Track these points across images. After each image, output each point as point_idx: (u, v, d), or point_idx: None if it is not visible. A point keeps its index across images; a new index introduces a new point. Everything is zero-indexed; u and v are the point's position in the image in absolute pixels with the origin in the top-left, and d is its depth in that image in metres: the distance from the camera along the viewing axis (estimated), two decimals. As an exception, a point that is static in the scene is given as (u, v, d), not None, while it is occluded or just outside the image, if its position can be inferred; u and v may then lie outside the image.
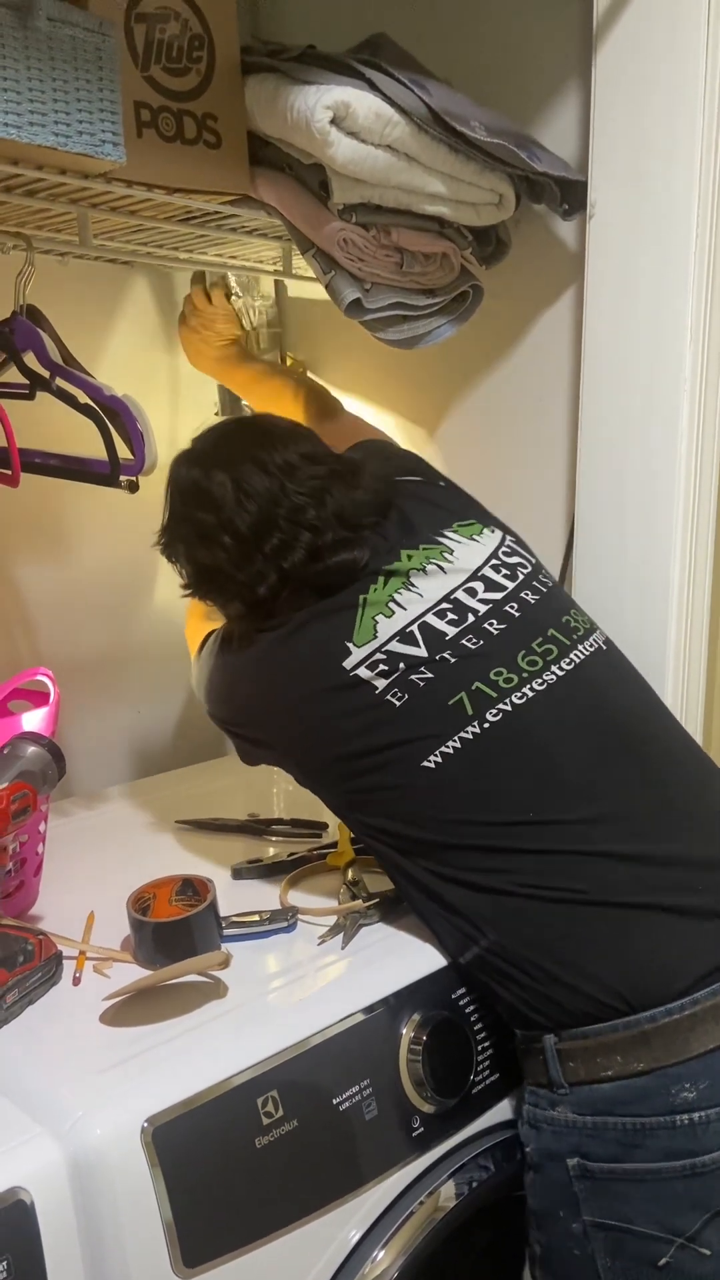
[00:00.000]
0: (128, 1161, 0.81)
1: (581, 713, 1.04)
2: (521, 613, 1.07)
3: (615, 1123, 0.95)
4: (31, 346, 1.20)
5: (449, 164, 1.15)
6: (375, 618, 1.04)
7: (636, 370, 1.23)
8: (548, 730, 1.02)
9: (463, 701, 1.01)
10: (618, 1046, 0.94)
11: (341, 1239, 0.93)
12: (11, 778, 1.00)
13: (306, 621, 1.06)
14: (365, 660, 1.03)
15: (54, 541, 1.55)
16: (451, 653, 1.03)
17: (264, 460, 1.07)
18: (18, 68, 0.91)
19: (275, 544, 1.05)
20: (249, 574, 1.06)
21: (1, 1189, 0.75)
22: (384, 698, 1.02)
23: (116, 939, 1.07)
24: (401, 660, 1.02)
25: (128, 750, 1.69)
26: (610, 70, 1.19)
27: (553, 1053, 0.97)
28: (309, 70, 1.08)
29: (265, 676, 1.08)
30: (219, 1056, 0.89)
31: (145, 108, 1.07)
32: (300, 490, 1.06)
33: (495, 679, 1.02)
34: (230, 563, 1.07)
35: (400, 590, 1.06)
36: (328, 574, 1.06)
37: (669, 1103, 0.93)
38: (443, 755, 1.00)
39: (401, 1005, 1.00)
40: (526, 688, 1.02)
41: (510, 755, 1.01)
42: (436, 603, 1.05)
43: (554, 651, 1.05)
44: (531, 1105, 1.01)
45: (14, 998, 0.95)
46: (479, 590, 1.07)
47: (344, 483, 1.09)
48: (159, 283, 1.61)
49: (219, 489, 1.06)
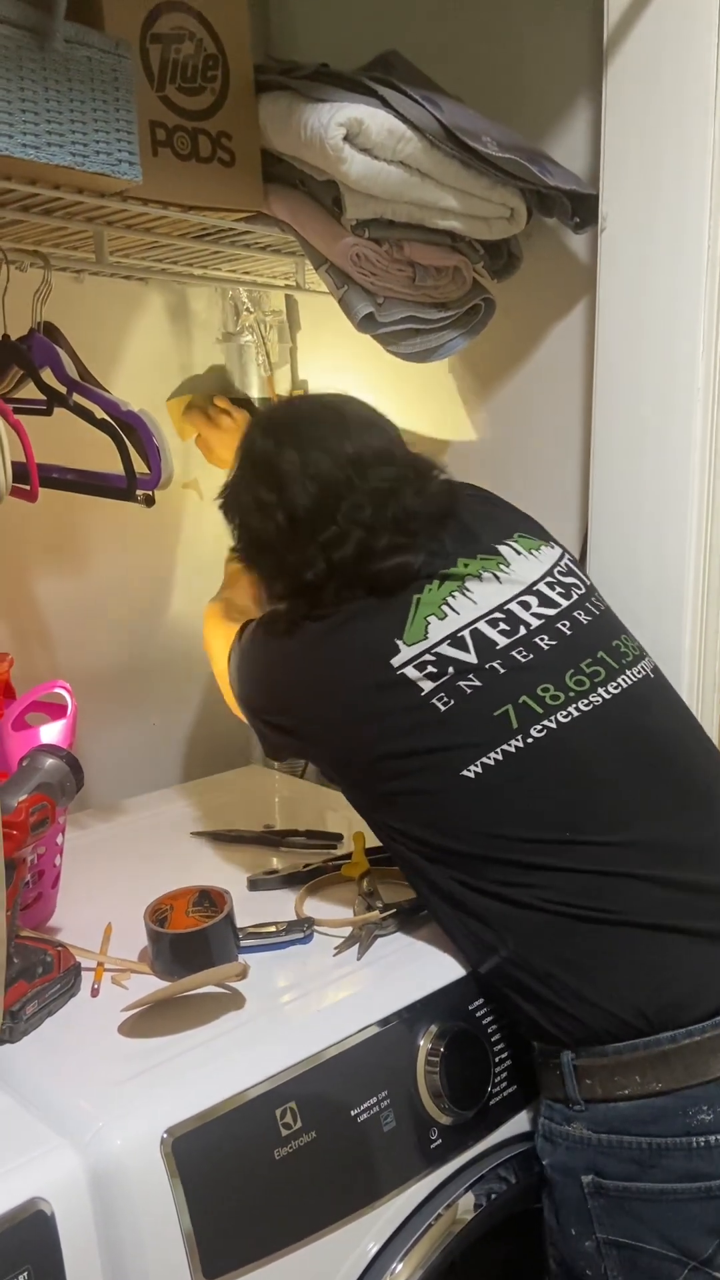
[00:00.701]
0: (147, 1172, 0.81)
1: (625, 737, 1.03)
2: (573, 632, 1.06)
3: (631, 1142, 0.94)
4: (49, 363, 1.21)
5: (461, 179, 1.16)
6: (427, 618, 1.03)
7: (649, 382, 1.23)
8: (590, 752, 1.01)
9: (508, 714, 1.00)
10: (636, 1066, 0.94)
11: (360, 1251, 0.93)
12: (30, 790, 1.01)
13: (356, 615, 1.04)
14: (414, 660, 1.01)
15: (71, 555, 1.56)
16: (501, 663, 1.02)
17: (336, 450, 1.07)
18: (36, 89, 0.93)
19: (329, 536, 1.05)
20: (298, 557, 1.06)
21: (22, 1199, 0.76)
22: (429, 700, 1.00)
23: (134, 950, 1.07)
24: (451, 664, 1.01)
25: (144, 762, 1.69)
26: (621, 84, 1.20)
27: (570, 1069, 0.97)
28: (322, 88, 1.10)
29: (309, 665, 1.07)
30: (237, 1068, 0.89)
31: (161, 127, 1.08)
32: (365, 488, 1.06)
33: (542, 695, 1.01)
34: (281, 541, 1.07)
35: (454, 594, 1.05)
36: (379, 575, 1.05)
37: (686, 1124, 0.92)
38: (483, 766, 0.99)
39: (419, 1016, 1.00)
40: (572, 707, 1.01)
41: (551, 773, 1.00)
42: (489, 611, 1.04)
43: (602, 674, 1.04)
44: (547, 1119, 1.00)
45: (33, 1009, 0.96)
46: (533, 604, 1.06)
47: (411, 487, 1.09)
48: (174, 299, 1.62)
49: (286, 466, 1.07)
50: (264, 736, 1.17)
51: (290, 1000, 1.01)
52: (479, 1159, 1.02)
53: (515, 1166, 1.03)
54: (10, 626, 1.51)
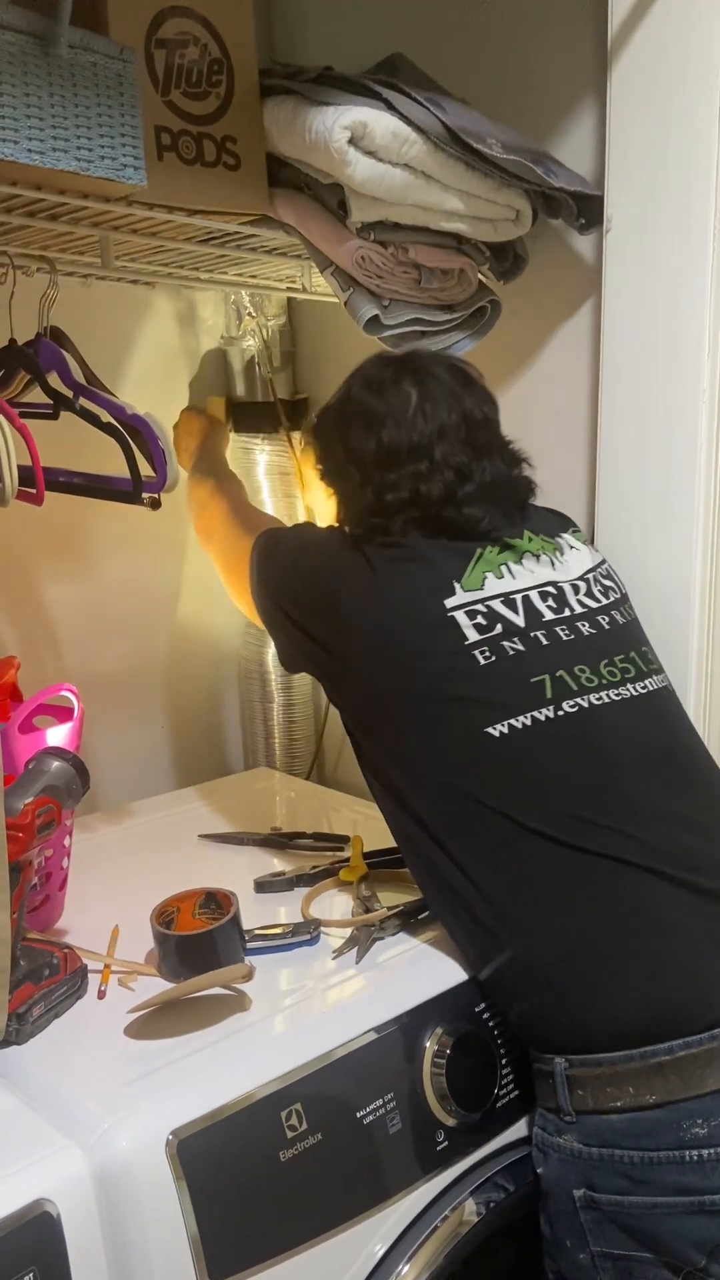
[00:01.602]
0: (153, 1174, 0.81)
1: (650, 736, 1.05)
2: (610, 628, 1.10)
3: (623, 1155, 0.93)
4: (55, 367, 1.22)
5: (466, 181, 1.16)
6: (486, 573, 1.06)
7: (655, 383, 1.23)
8: (618, 739, 1.03)
9: (545, 683, 1.02)
10: (630, 1077, 0.92)
11: (366, 1253, 0.93)
12: (36, 792, 1.01)
13: (421, 550, 1.07)
14: (466, 605, 1.03)
15: (77, 559, 1.56)
16: (545, 634, 1.04)
17: (453, 401, 1.10)
18: (41, 95, 0.93)
19: (421, 468, 1.07)
20: (386, 478, 1.08)
21: (28, 1200, 0.76)
22: (471, 650, 1.01)
23: (141, 952, 1.08)
24: (500, 622, 1.03)
25: (151, 765, 1.70)
26: (626, 85, 1.20)
27: (562, 1078, 0.95)
28: (327, 91, 1.10)
29: (365, 583, 1.06)
30: (243, 1069, 0.89)
31: (166, 131, 1.09)
32: (467, 441, 1.09)
33: (578, 674, 1.04)
34: (374, 461, 1.09)
35: (513, 562, 1.08)
36: (453, 520, 1.08)
37: (679, 1138, 0.91)
38: (510, 728, 0.99)
39: (425, 1018, 1.00)
40: (605, 693, 1.04)
41: (578, 749, 1.01)
42: (542, 584, 1.08)
43: (632, 672, 1.08)
44: (540, 1129, 0.99)
45: (40, 1011, 0.96)
46: (580, 591, 1.11)
47: (504, 459, 1.13)
48: (180, 304, 1.63)
49: (402, 397, 1.09)
50: (287, 638, 1.14)
51: (296, 1002, 1.01)
52: (485, 1161, 1.02)
53: (522, 1169, 1.03)
54: (17, 630, 1.51)
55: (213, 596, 1.75)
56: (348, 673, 1.08)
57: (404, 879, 1.20)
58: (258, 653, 1.73)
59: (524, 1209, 1.02)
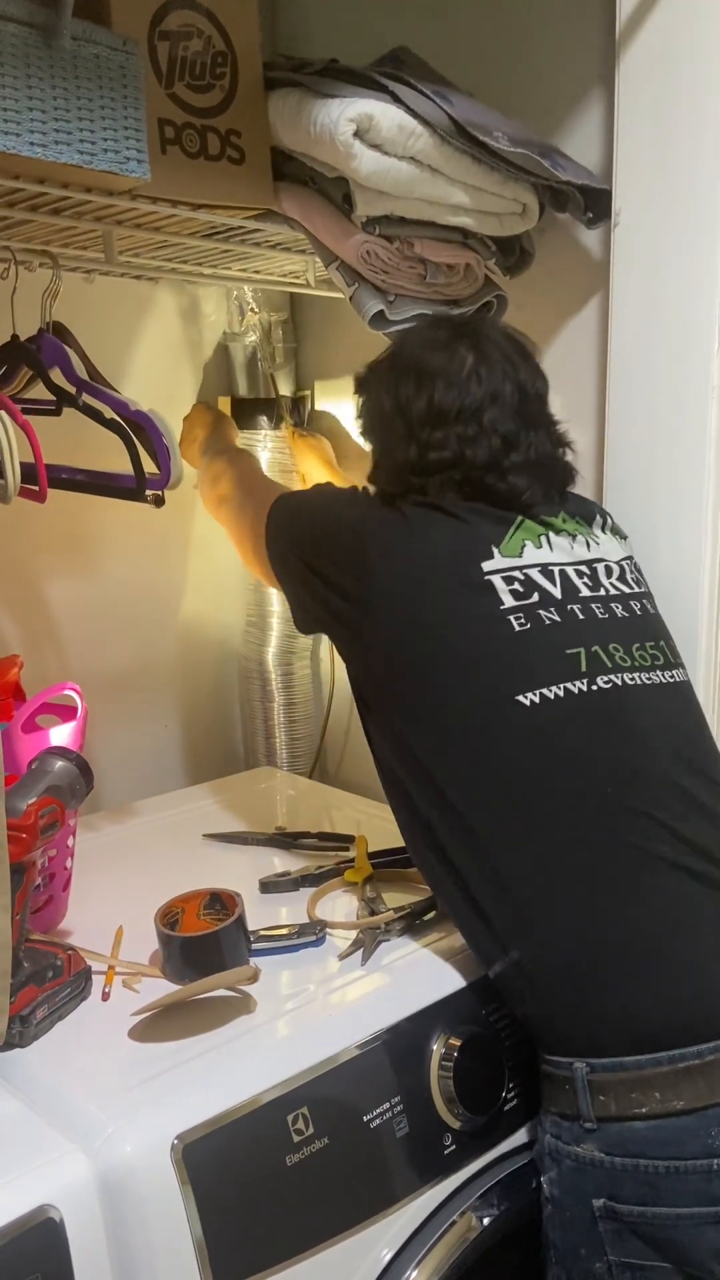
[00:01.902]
0: (158, 1179, 0.80)
1: (681, 725, 1.04)
2: (641, 614, 1.09)
3: (647, 1165, 0.89)
4: (58, 363, 1.21)
5: (472, 175, 1.15)
6: (525, 541, 1.05)
7: (663, 379, 1.22)
8: (651, 723, 1.01)
9: (580, 656, 1.00)
10: (657, 1082, 0.89)
11: (374, 1258, 0.92)
12: (40, 792, 1.00)
13: (460, 512, 1.04)
14: (504, 571, 1.02)
15: (80, 557, 1.55)
16: (580, 609, 1.03)
17: (509, 368, 1.09)
18: (43, 87, 0.92)
19: (469, 432, 1.05)
20: (433, 436, 1.06)
21: (31, 1207, 0.75)
22: (506, 616, 0.99)
23: (145, 954, 1.07)
24: (536, 590, 1.02)
25: (155, 764, 1.69)
26: (634, 77, 1.19)
27: (584, 1083, 0.91)
28: (332, 84, 1.09)
29: (401, 537, 1.04)
30: (248, 1073, 0.89)
31: (169, 124, 1.08)
32: (519, 413, 1.08)
33: (613, 652, 1.02)
34: (423, 416, 1.06)
35: (550, 535, 1.07)
36: (495, 487, 1.06)
37: (707, 1146, 0.88)
38: (540, 697, 0.97)
39: (432, 1021, 0.99)
40: (638, 675, 1.02)
41: (611, 727, 0.98)
42: (578, 562, 1.07)
43: (662, 659, 1.06)
44: (553, 1136, 0.95)
45: (43, 1013, 0.95)
46: (614, 574, 1.09)
47: (551, 440, 1.12)
48: (183, 300, 1.62)
49: (458, 359, 1.07)
50: (307, 592, 1.10)
51: (302, 1004, 1.00)
52: (493, 1165, 1.01)
53: (531, 1173, 1.01)
54: (20, 628, 1.50)
55: (217, 595, 1.74)
56: (370, 626, 1.03)
57: (410, 879, 1.19)
58: (257, 651, 1.72)
59: (534, 1214, 1.00)
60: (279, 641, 1.71)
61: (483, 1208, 0.97)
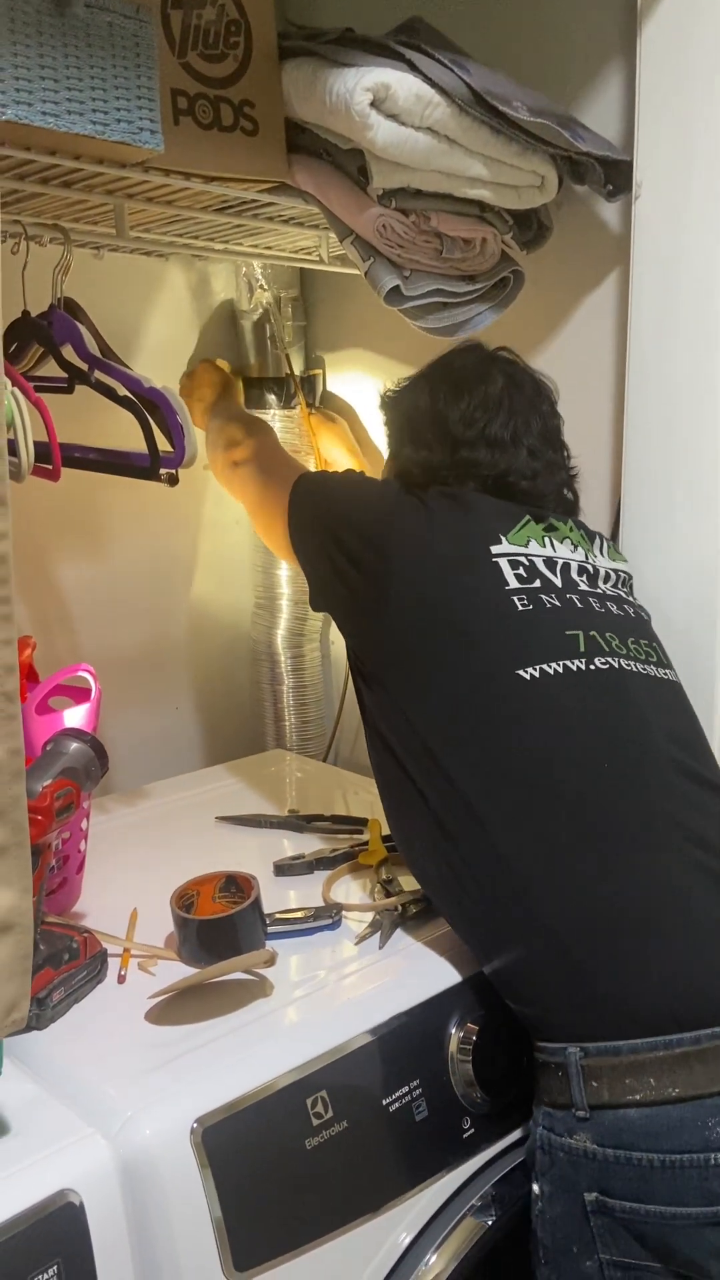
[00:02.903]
0: (178, 1162, 0.80)
1: (674, 717, 1.06)
2: (635, 617, 1.14)
3: (641, 1158, 0.87)
4: (70, 339, 1.19)
5: (490, 146, 1.12)
6: (530, 536, 1.11)
7: (683, 355, 1.20)
8: (644, 704, 1.03)
9: (579, 637, 1.04)
10: (651, 1068, 0.87)
11: (392, 1242, 0.92)
12: (55, 774, 0.99)
13: (475, 499, 1.11)
14: (510, 555, 1.07)
15: (93, 537, 1.54)
16: (578, 599, 1.08)
17: (536, 399, 1.18)
18: (55, 55, 0.90)
19: (500, 438, 1.13)
20: (465, 435, 1.13)
21: (52, 1191, 0.75)
22: (510, 596, 1.04)
23: (160, 936, 1.06)
24: (539, 577, 1.07)
25: (168, 746, 1.68)
26: (655, 46, 1.16)
27: (577, 1069, 0.89)
28: (348, 53, 1.06)
29: (419, 518, 1.09)
30: (267, 1056, 0.88)
31: (182, 95, 1.05)
32: (543, 437, 1.16)
33: (609, 639, 1.06)
34: (460, 419, 1.14)
35: (553, 537, 1.13)
36: (513, 485, 1.13)
37: (704, 1138, 0.86)
38: (541, 672, 1.00)
39: (450, 1003, 0.98)
40: (632, 663, 1.05)
41: (609, 704, 1.01)
42: (578, 562, 1.13)
43: (655, 657, 1.10)
44: (546, 1129, 0.92)
45: (60, 996, 0.94)
46: (609, 581, 1.15)
47: (566, 472, 1.20)
48: (194, 277, 1.60)
49: (492, 380, 1.16)
50: (329, 564, 1.12)
51: (319, 987, 0.99)
52: (513, 1149, 1.00)
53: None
54: (33, 610, 1.49)
55: (227, 576, 1.73)
56: (384, 600, 1.06)
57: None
58: (267, 634, 1.71)
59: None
60: (288, 624, 1.70)
61: (503, 1192, 0.97)
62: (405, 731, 1.03)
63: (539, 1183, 0.93)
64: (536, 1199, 0.93)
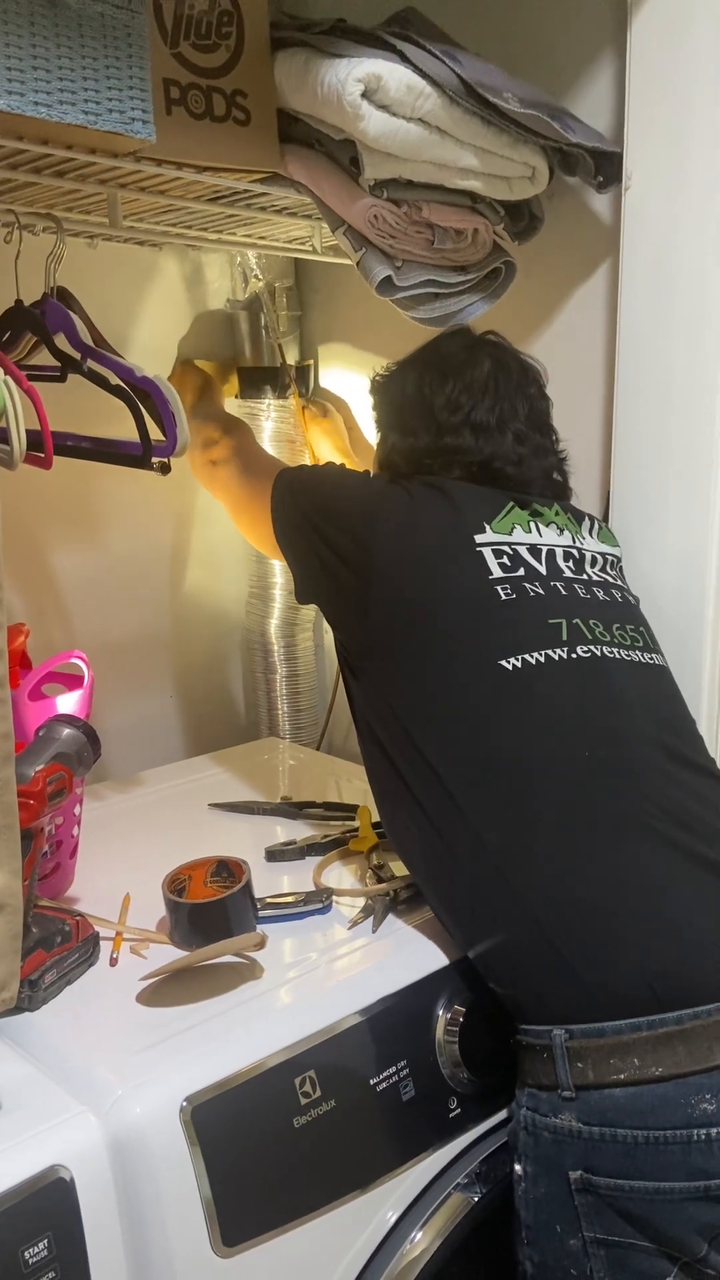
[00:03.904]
0: (167, 1140, 0.81)
1: (658, 703, 1.07)
2: (622, 601, 1.14)
3: (625, 1135, 0.88)
4: (63, 328, 1.20)
5: (481, 137, 1.13)
6: (515, 524, 1.11)
7: (674, 346, 1.21)
8: (629, 694, 1.04)
9: (561, 626, 1.05)
10: (635, 1048, 0.89)
11: (379, 1219, 0.93)
12: (47, 760, 1.00)
13: (458, 489, 1.11)
14: (493, 544, 1.07)
15: (86, 525, 1.55)
16: (563, 586, 1.08)
17: (523, 383, 1.18)
18: (48, 45, 0.91)
19: (485, 423, 1.13)
20: (450, 420, 1.14)
21: (43, 1166, 0.76)
22: (494, 586, 1.04)
23: (152, 920, 1.07)
24: (523, 565, 1.07)
25: (160, 734, 1.69)
26: (646, 36, 1.17)
27: (561, 1050, 0.91)
28: (339, 43, 1.07)
29: (403, 508, 1.10)
30: (256, 1037, 0.89)
31: (174, 85, 1.06)
32: (530, 419, 1.16)
33: (593, 626, 1.06)
34: (445, 405, 1.14)
35: (540, 523, 1.13)
36: (497, 475, 1.14)
37: (687, 1115, 0.87)
38: (523, 662, 1.01)
39: (438, 986, 1.00)
40: (616, 650, 1.06)
41: (590, 692, 1.02)
42: (564, 546, 1.13)
43: (641, 642, 1.10)
44: (530, 1110, 0.94)
45: (52, 978, 0.96)
46: (596, 565, 1.15)
47: (555, 456, 1.21)
48: (187, 267, 1.60)
49: (479, 365, 1.16)
50: (314, 556, 1.13)
51: (309, 970, 1.00)
52: (498, 1128, 1.02)
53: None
54: (26, 597, 1.50)
55: (222, 564, 1.73)
56: (368, 592, 1.07)
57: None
58: (260, 623, 1.72)
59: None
60: (281, 613, 1.71)
61: (488, 1169, 0.98)
62: (390, 722, 1.05)
63: (522, 1164, 0.94)
64: (519, 1179, 0.94)
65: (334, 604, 1.14)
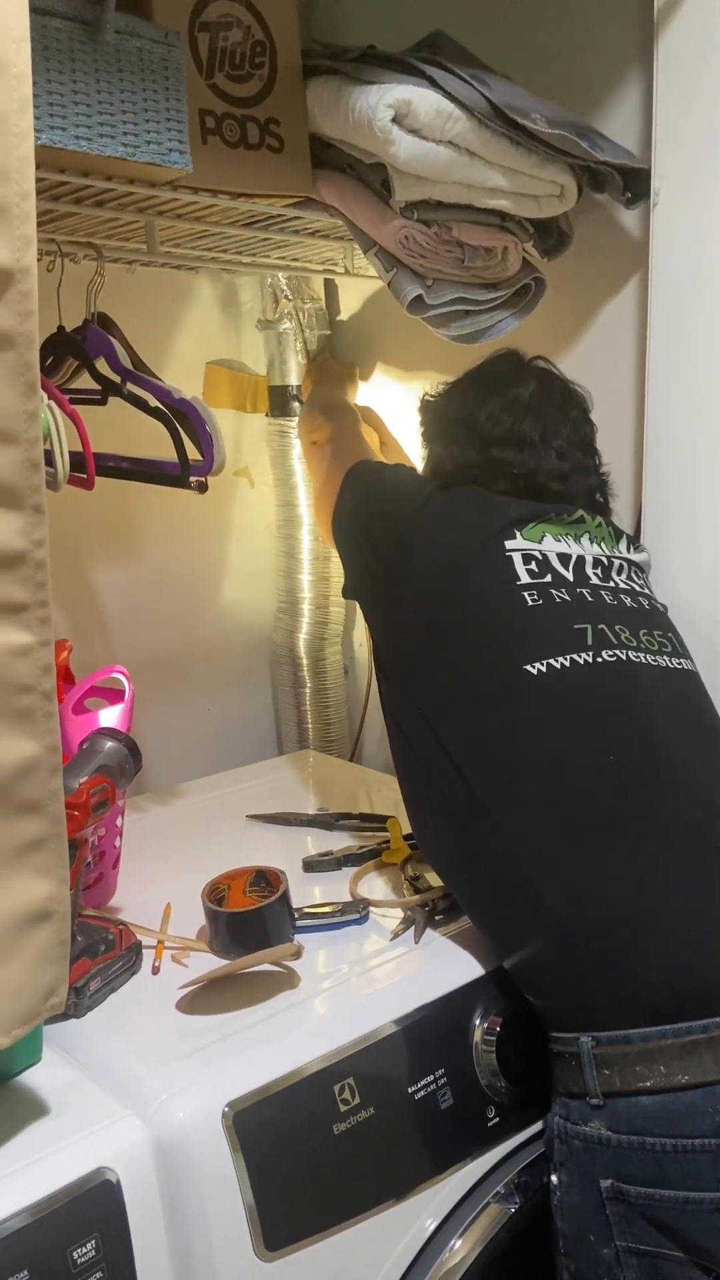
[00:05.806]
0: (210, 1144, 0.82)
1: (686, 707, 1.07)
2: (650, 609, 1.15)
3: (654, 1143, 0.88)
4: (103, 353, 1.23)
5: (510, 157, 1.15)
6: (546, 532, 1.13)
7: (704, 361, 1.22)
8: (655, 699, 1.04)
9: (586, 631, 1.05)
10: (662, 1055, 0.89)
11: (418, 1227, 0.94)
12: (91, 772, 1.03)
13: (495, 496, 1.15)
14: (522, 550, 1.10)
15: (126, 543, 1.58)
16: (589, 593, 1.10)
17: (567, 404, 1.22)
18: (88, 81, 0.94)
19: (530, 437, 1.17)
20: (494, 433, 1.17)
21: (89, 1169, 0.78)
22: (521, 591, 1.06)
23: (193, 929, 1.09)
24: (550, 572, 1.09)
25: (199, 747, 1.72)
26: (673, 54, 1.18)
27: (589, 1057, 0.91)
28: (370, 70, 1.09)
29: (442, 513, 1.14)
30: (296, 1044, 0.91)
31: (210, 115, 1.09)
32: (573, 442, 1.20)
33: (619, 631, 1.08)
34: (491, 418, 1.18)
35: (571, 536, 1.15)
36: (539, 489, 1.16)
37: (715, 1123, 0.87)
38: (549, 666, 1.02)
39: (475, 995, 1.00)
40: (643, 655, 1.07)
41: (614, 697, 1.02)
42: (592, 558, 1.14)
43: (669, 648, 1.11)
44: (562, 1118, 0.94)
45: (97, 985, 0.98)
46: (624, 573, 1.16)
47: (598, 477, 1.23)
48: (222, 289, 1.63)
49: (526, 385, 1.20)
50: (360, 556, 1.18)
51: (346, 979, 1.01)
52: (536, 1138, 1.02)
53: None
54: (69, 614, 1.53)
55: (257, 580, 1.76)
56: (402, 596, 1.11)
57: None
58: (288, 638, 1.74)
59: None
60: (309, 628, 1.73)
61: (526, 1179, 0.99)
62: (419, 725, 1.06)
63: (557, 1173, 0.95)
64: (555, 1189, 0.95)
65: (372, 601, 1.18)
